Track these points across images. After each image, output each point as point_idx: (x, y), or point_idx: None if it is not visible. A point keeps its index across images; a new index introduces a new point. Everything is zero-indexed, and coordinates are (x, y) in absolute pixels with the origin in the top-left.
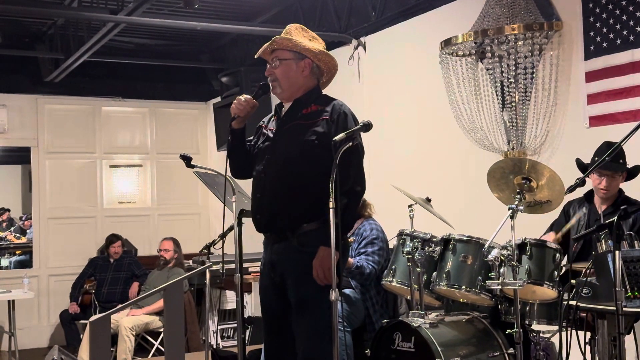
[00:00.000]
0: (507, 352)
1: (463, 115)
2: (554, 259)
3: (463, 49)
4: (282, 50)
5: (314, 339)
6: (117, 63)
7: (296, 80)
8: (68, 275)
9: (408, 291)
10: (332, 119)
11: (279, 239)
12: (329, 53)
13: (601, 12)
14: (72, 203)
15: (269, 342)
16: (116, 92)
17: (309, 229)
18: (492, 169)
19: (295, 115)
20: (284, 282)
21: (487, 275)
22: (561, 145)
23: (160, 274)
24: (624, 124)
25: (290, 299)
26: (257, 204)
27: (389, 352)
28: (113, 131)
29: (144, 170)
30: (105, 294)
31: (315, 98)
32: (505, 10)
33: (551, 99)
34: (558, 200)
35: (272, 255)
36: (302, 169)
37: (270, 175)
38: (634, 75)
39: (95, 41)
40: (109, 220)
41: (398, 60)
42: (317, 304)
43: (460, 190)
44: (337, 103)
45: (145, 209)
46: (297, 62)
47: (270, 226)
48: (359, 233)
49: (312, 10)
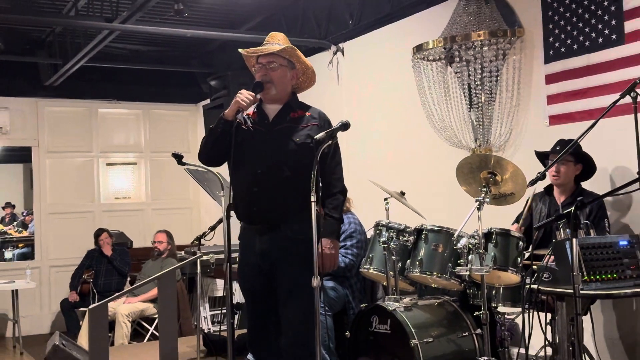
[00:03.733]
0: (475, 333)
1: (434, 115)
2: (517, 246)
3: (433, 54)
4: (280, 56)
5: (299, 324)
6: (112, 68)
7: (287, 86)
8: (67, 267)
9: (384, 277)
10: (321, 125)
11: (269, 229)
12: (310, 64)
13: (559, 19)
14: (71, 199)
15: (253, 326)
16: (111, 95)
17: (301, 219)
18: (460, 164)
19: (284, 118)
20: (273, 269)
21: (457, 262)
22: (524, 142)
23: (155, 264)
24: (580, 123)
25: (279, 285)
26: (255, 198)
27: (367, 334)
28: (109, 131)
29: (138, 168)
30: (102, 284)
31: (298, 104)
32: (472, 18)
33: (514, 99)
34: (521, 193)
35: (262, 244)
36: (296, 167)
37: (267, 171)
38: (589, 77)
39: (92, 47)
40: (106, 215)
41: (374, 65)
42: (307, 290)
43: (432, 184)
44: (321, 112)
45: (140, 203)
46: (290, 70)
47: (266, 217)
48: None
49: (294, 18)
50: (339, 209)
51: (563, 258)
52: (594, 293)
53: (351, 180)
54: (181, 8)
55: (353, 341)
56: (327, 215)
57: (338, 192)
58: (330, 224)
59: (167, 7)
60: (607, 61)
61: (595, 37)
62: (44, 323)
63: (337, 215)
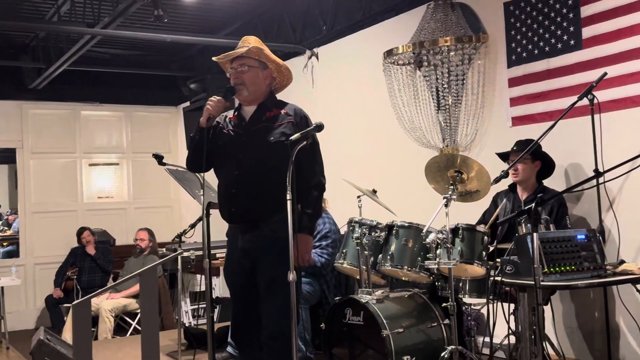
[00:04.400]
0: (443, 323)
1: (404, 116)
2: (482, 241)
3: (403, 59)
4: (250, 58)
5: (279, 316)
6: (95, 71)
7: (260, 86)
8: (52, 264)
9: (357, 272)
10: (296, 122)
11: (250, 228)
12: (288, 67)
13: (521, 26)
14: (54, 198)
15: (237, 319)
16: (94, 98)
17: (280, 218)
18: (428, 163)
19: (260, 118)
20: (254, 266)
21: (426, 256)
22: (488, 142)
23: (137, 261)
24: (541, 124)
25: (260, 281)
26: (233, 199)
27: (341, 325)
28: (91, 133)
29: (120, 168)
30: (85, 281)
31: (275, 103)
32: (439, 24)
33: (479, 102)
34: (485, 190)
35: (244, 243)
36: (273, 166)
37: (244, 172)
38: (549, 81)
39: (74, 52)
40: (89, 214)
41: (347, 68)
42: (285, 285)
43: (402, 183)
44: (297, 108)
45: (122, 202)
46: (262, 70)
47: (245, 217)
48: None
49: (271, 24)
50: (312, 204)
51: (524, 251)
52: (554, 284)
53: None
54: (161, 14)
55: (328, 332)
56: (301, 211)
57: (312, 188)
58: (302, 219)
59: (147, 13)
60: (565, 65)
61: (554, 43)
62: (30, 319)
63: (309, 210)
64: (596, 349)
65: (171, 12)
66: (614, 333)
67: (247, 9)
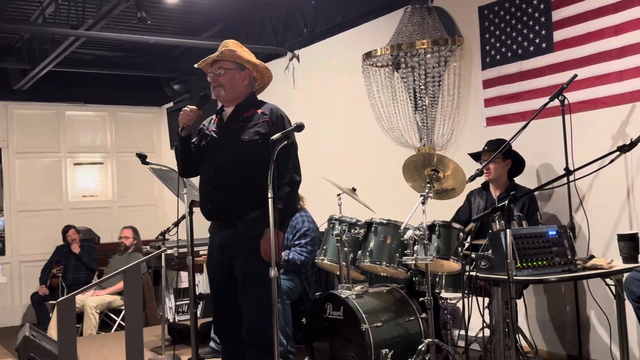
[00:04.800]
0: (420, 317)
1: (382, 117)
2: (458, 237)
3: (381, 61)
4: (226, 61)
5: (259, 311)
6: (79, 72)
7: (238, 87)
8: (37, 262)
9: (337, 267)
10: (271, 120)
11: (227, 226)
12: (266, 66)
13: (495, 30)
14: (40, 197)
15: (217, 314)
16: (78, 98)
17: (254, 216)
18: (406, 162)
19: (237, 118)
20: (231, 262)
21: (404, 252)
22: (464, 141)
23: (121, 258)
24: (514, 124)
25: (237, 277)
26: (209, 196)
27: (322, 320)
28: (76, 133)
29: (104, 167)
30: (71, 278)
31: (254, 103)
32: (416, 27)
33: (455, 103)
34: (461, 188)
35: (221, 239)
36: (247, 165)
37: (219, 171)
38: (522, 82)
39: (59, 53)
40: (74, 212)
41: (327, 70)
42: (261, 281)
43: (380, 181)
44: (274, 107)
45: (107, 201)
46: (239, 72)
47: (220, 214)
48: (292, 225)
49: (253, 27)
50: (283, 200)
51: (498, 247)
52: (526, 279)
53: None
54: (144, 16)
55: (309, 327)
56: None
57: (285, 184)
58: (274, 214)
59: (130, 15)
60: (537, 68)
61: (527, 46)
62: (15, 315)
63: (280, 205)
64: (567, 341)
65: (154, 14)
66: (584, 325)
67: (230, 11)
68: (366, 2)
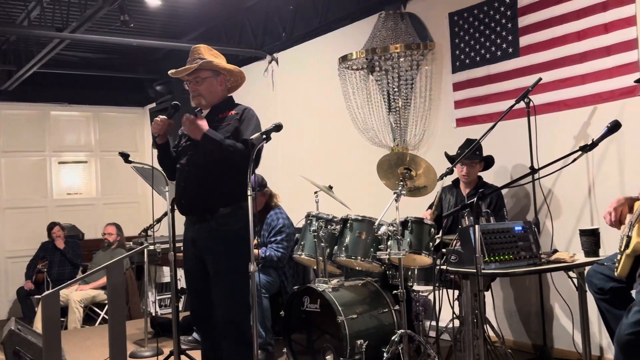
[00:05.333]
0: (394, 309)
1: (357, 117)
2: (429, 233)
3: (356, 64)
4: (202, 70)
5: (230, 304)
6: (64, 73)
7: (216, 93)
8: (23, 257)
9: (314, 262)
10: (241, 118)
11: (199, 221)
12: (240, 69)
13: (464, 35)
14: (25, 195)
15: (194, 306)
16: (63, 99)
17: (226, 212)
18: (380, 161)
19: (212, 119)
20: (203, 255)
21: (378, 247)
22: (435, 141)
23: (105, 254)
24: (482, 125)
25: (209, 271)
26: (183, 192)
27: (300, 312)
28: (61, 132)
29: (89, 166)
30: (55, 274)
31: (230, 105)
32: (390, 32)
33: (427, 104)
34: (432, 186)
35: (194, 234)
36: (219, 163)
37: (193, 168)
38: (489, 85)
39: (44, 55)
40: (59, 210)
41: (304, 73)
42: (231, 275)
43: (356, 179)
44: (247, 108)
45: (91, 199)
46: (215, 78)
47: (193, 210)
48: (267, 223)
49: (233, 30)
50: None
51: (467, 242)
52: (494, 272)
53: (285, 176)
54: (127, 19)
55: (287, 319)
56: None
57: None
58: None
59: (114, 18)
60: (504, 71)
61: (494, 51)
62: (2, 310)
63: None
64: (532, 331)
65: (138, 17)
66: (548, 316)
67: (211, 15)
68: (342, 8)
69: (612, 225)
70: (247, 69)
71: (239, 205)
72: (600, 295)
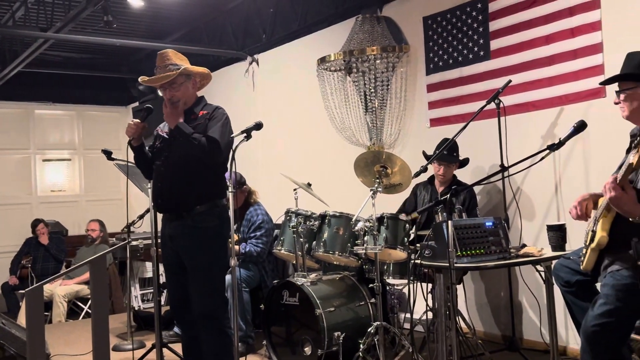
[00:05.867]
0: (370, 302)
1: (335, 117)
2: (404, 228)
3: (334, 65)
4: (178, 76)
5: (207, 297)
6: (48, 73)
7: (191, 95)
8: (8, 253)
9: (294, 257)
10: (211, 117)
11: (176, 218)
12: (208, 70)
13: (438, 38)
14: (10, 192)
15: (173, 298)
16: (47, 98)
17: (202, 210)
18: (357, 159)
19: (186, 120)
20: (180, 251)
21: (355, 242)
22: (410, 141)
23: (88, 250)
24: (455, 125)
25: (186, 265)
26: (160, 191)
27: (279, 306)
28: (45, 131)
29: (72, 163)
30: (40, 269)
31: (203, 105)
32: (367, 35)
33: (402, 105)
34: (407, 183)
35: (171, 230)
36: (192, 163)
37: (168, 168)
38: (462, 87)
39: (28, 54)
40: (43, 206)
41: (284, 74)
42: (207, 270)
43: (334, 176)
44: (218, 107)
45: (74, 195)
46: (188, 81)
47: (169, 208)
48: (247, 219)
49: (215, 32)
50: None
51: (441, 237)
52: (466, 266)
53: (265, 173)
54: (110, 19)
55: (267, 312)
56: None
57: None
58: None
59: (98, 19)
60: (476, 73)
61: (466, 54)
62: None
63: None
64: (502, 322)
65: (121, 18)
66: (517, 308)
67: (193, 17)
68: (321, 11)
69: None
70: (228, 69)
71: (214, 203)
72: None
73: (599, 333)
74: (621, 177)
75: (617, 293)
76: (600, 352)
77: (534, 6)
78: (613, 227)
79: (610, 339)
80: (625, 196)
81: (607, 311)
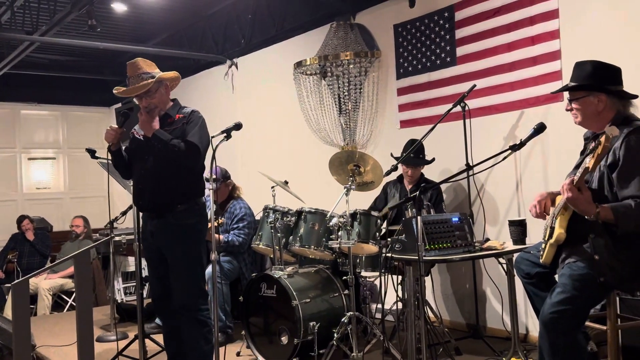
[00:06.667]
0: (343, 293)
1: (311, 119)
2: (376, 224)
3: (310, 69)
4: (153, 84)
5: (186, 289)
6: (34, 75)
7: (166, 99)
8: None
9: (271, 251)
10: (188, 121)
11: (157, 216)
12: (178, 74)
13: (407, 45)
14: None
15: (154, 291)
16: (33, 99)
17: (182, 209)
18: (332, 158)
19: (163, 123)
20: (161, 246)
21: (329, 237)
22: (381, 141)
23: (72, 245)
24: (423, 126)
25: (168, 259)
26: (140, 193)
27: (257, 297)
28: (30, 130)
29: (57, 162)
30: (25, 264)
31: (178, 108)
32: (341, 41)
33: (374, 107)
34: (379, 181)
35: (152, 227)
36: (172, 165)
37: (148, 171)
38: (430, 91)
39: (14, 57)
40: (28, 203)
41: (262, 77)
42: (187, 264)
43: (309, 175)
44: (194, 110)
45: (59, 193)
46: (162, 87)
47: (150, 208)
48: (230, 211)
49: (195, 36)
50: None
51: (410, 232)
52: (433, 258)
53: (244, 171)
54: (94, 23)
55: (245, 304)
56: None
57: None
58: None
59: (82, 23)
60: (443, 78)
61: (434, 60)
62: None
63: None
64: (466, 311)
65: (105, 22)
66: (481, 298)
67: (174, 21)
68: (297, 18)
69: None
70: (208, 72)
71: (195, 202)
72: (527, 279)
73: (556, 320)
74: (578, 179)
75: (573, 282)
76: (557, 337)
77: (497, 15)
78: (570, 224)
79: (567, 325)
80: (581, 197)
81: (564, 299)
